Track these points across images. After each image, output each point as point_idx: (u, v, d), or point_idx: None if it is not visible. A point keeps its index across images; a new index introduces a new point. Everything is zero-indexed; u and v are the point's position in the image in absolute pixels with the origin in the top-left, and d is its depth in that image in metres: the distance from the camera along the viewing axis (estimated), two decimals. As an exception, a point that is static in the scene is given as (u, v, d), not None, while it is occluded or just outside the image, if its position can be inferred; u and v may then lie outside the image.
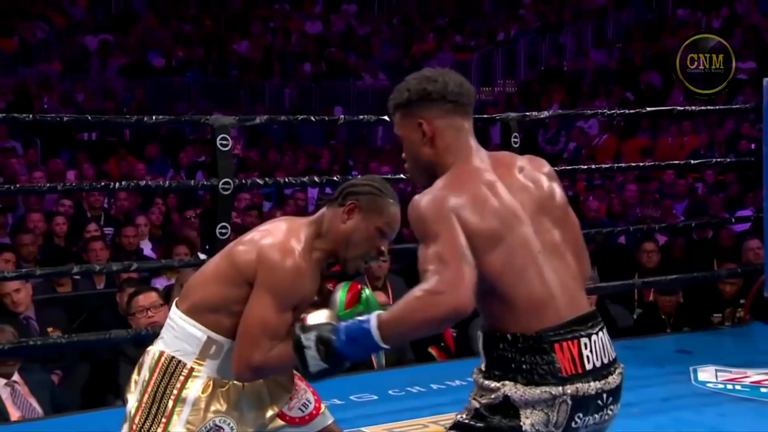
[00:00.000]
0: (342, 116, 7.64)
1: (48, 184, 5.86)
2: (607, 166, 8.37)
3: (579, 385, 1.80)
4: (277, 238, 2.16)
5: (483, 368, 1.87)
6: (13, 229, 6.43)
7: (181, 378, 2.18)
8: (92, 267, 4.63)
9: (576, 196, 8.00)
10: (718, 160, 7.20)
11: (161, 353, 2.21)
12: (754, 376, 4.20)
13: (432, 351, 4.79)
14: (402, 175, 5.12)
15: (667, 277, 5.13)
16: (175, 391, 2.17)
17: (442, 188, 1.86)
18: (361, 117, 5.42)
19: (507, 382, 1.81)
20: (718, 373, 4.25)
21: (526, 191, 1.90)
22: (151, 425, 2.17)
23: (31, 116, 4.21)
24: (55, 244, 6.17)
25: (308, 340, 1.88)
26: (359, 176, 2.44)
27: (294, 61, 14.98)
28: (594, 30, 15.10)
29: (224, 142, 3.99)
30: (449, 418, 3.63)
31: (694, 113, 7.51)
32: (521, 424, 1.79)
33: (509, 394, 1.80)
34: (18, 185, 6.46)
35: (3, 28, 14.14)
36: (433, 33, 16.01)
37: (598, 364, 1.83)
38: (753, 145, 9.37)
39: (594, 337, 1.84)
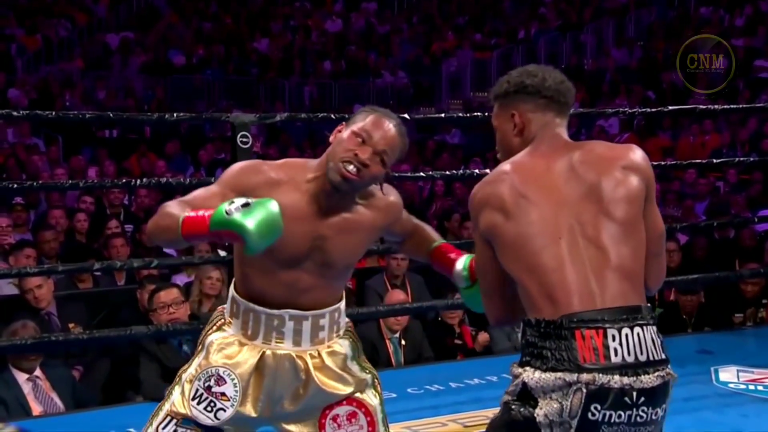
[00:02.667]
0: (362, 114, 7.64)
1: (70, 181, 5.89)
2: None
3: (598, 375, 1.76)
4: None
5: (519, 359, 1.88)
6: (35, 225, 6.48)
7: (214, 327, 2.24)
8: (113, 263, 4.65)
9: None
10: (741, 159, 7.15)
11: (221, 307, 2.29)
12: (776, 376, 4.17)
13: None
14: (421, 174, 5.12)
15: (688, 276, 5.08)
16: (204, 336, 2.24)
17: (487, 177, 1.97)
18: (381, 115, 5.40)
19: (528, 368, 1.81)
20: (740, 374, 4.22)
21: (577, 181, 1.90)
22: (187, 365, 2.25)
23: (53, 113, 4.22)
24: (77, 241, 6.21)
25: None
26: None
27: (314, 59, 15.00)
28: (615, 28, 15.00)
29: (244, 140, 4.00)
30: (468, 416, 3.65)
31: (716, 112, 7.45)
32: (536, 414, 1.79)
33: (526, 380, 1.80)
34: (40, 182, 6.51)
35: (26, 26, 14.28)
36: (452, 31, 15.97)
37: (630, 359, 1.78)
38: (776, 144, 9.31)
39: (627, 330, 1.80)
